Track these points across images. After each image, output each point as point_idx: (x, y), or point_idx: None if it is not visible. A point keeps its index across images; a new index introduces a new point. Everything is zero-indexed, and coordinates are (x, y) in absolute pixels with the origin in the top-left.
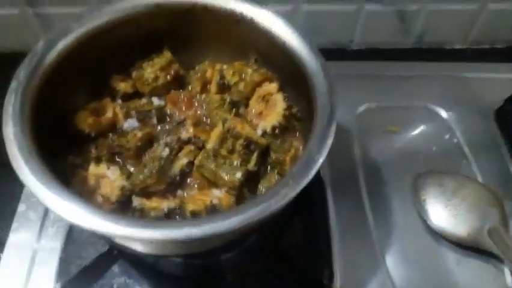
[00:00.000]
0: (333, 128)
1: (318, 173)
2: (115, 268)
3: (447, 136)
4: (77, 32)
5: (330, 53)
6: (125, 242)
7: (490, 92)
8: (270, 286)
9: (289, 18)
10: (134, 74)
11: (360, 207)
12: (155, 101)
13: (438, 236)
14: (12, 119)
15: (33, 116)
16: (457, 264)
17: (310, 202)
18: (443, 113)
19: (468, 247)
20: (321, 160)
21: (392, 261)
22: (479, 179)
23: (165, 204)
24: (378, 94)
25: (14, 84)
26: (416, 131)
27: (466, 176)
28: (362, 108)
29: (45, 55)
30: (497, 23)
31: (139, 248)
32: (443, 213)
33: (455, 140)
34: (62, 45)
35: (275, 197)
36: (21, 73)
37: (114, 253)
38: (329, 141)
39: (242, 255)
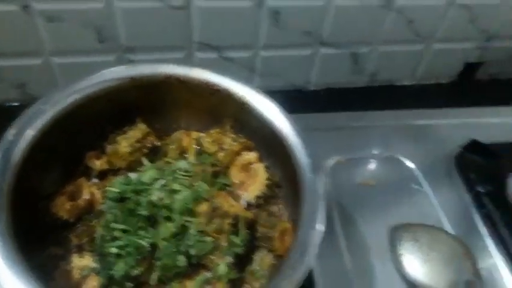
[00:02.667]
0: (323, 210)
1: None
2: None
3: (414, 185)
4: (47, 115)
5: (287, 94)
6: None
7: (452, 139)
8: None
9: (248, 63)
10: (108, 148)
11: (340, 258)
12: (133, 176)
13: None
14: None
15: (10, 208)
16: None
17: None
18: (410, 164)
19: None
20: (316, 245)
21: None
22: (449, 229)
23: None
24: (345, 147)
25: None
26: (387, 183)
27: (438, 228)
28: (331, 163)
29: (16, 143)
30: (441, 60)
31: None
32: (420, 267)
33: (423, 190)
34: (33, 130)
35: None
36: None
37: None
38: (321, 223)
39: None
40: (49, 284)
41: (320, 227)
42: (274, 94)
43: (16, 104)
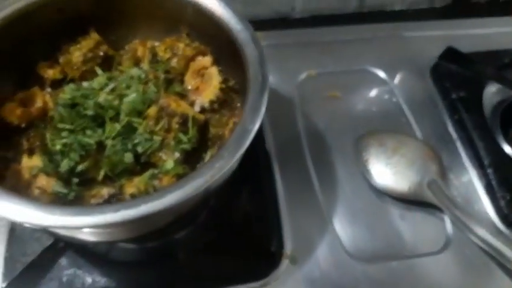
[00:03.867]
0: (266, 98)
1: (263, 144)
2: (63, 261)
3: (386, 96)
4: None
5: (272, 23)
6: (65, 232)
7: (426, 50)
8: (220, 260)
9: None
10: (61, 59)
11: (306, 174)
12: (86, 85)
13: (382, 193)
14: None
15: None
16: (401, 219)
17: (257, 174)
18: (382, 74)
19: (411, 201)
20: (254, 130)
21: (339, 223)
22: (419, 135)
23: (105, 191)
24: (318, 61)
25: None
26: (357, 95)
27: (405, 134)
28: (302, 77)
29: None
30: None
31: (83, 236)
32: (384, 171)
33: (394, 100)
34: None
35: (210, 171)
36: None
37: (60, 245)
38: (262, 111)
39: (193, 233)
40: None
41: (259, 115)
42: (258, 24)
43: None
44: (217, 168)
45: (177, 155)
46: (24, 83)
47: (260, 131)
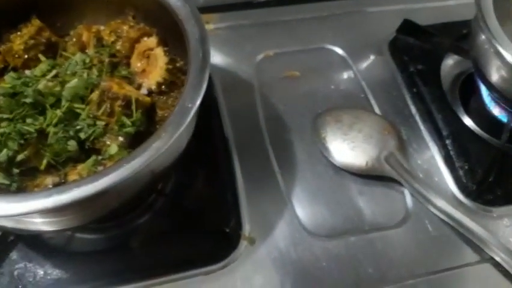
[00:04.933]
0: (206, 75)
1: (220, 128)
2: (14, 255)
3: (345, 74)
4: None
5: (235, 8)
6: (5, 222)
7: (385, 25)
8: (179, 246)
9: None
10: (2, 48)
11: (265, 155)
12: (28, 73)
13: (341, 170)
14: None
15: None
16: (360, 194)
17: (214, 157)
18: (340, 51)
19: (369, 176)
20: (194, 108)
21: (298, 202)
22: (377, 110)
23: (49, 180)
24: (275, 41)
25: None
26: (316, 73)
27: (362, 110)
28: (259, 57)
29: None
30: None
31: (31, 227)
32: (342, 147)
33: (353, 77)
34: None
35: (148, 151)
36: None
37: (10, 239)
38: (202, 88)
39: (150, 220)
40: None
41: (200, 92)
42: (222, 8)
43: None
44: (155, 148)
45: (121, 139)
46: None
47: (217, 114)
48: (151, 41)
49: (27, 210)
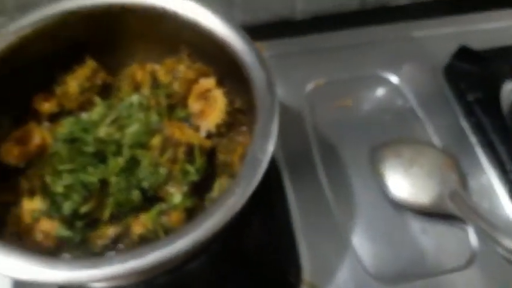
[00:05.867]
0: (276, 124)
1: (273, 161)
2: None
3: (399, 102)
4: None
5: (274, 27)
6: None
7: (438, 49)
8: None
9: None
10: (58, 90)
11: (320, 190)
12: (85, 117)
13: (401, 207)
14: None
15: None
16: (422, 233)
17: (268, 195)
18: (393, 78)
19: (432, 214)
20: (266, 160)
21: (358, 241)
22: (436, 141)
23: (111, 231)
24: (325, 69)
25: None
26: (368, 102)
27: (421, 143)
28: (310, 86)
29: None
30: None
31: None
32: (403, 183)
33: (408, 105)
34: None
35: (223, 209)
36: None
37: None
38: (273, 139)
39: (205, 264)
40: (1, 230)
41: (270, 143)
42: (260, 29)
43: None
44: (230, 205)
45: (184, 187)
46: (20, 119)
47: None
48: (210, 81)
49: (103, 276)
